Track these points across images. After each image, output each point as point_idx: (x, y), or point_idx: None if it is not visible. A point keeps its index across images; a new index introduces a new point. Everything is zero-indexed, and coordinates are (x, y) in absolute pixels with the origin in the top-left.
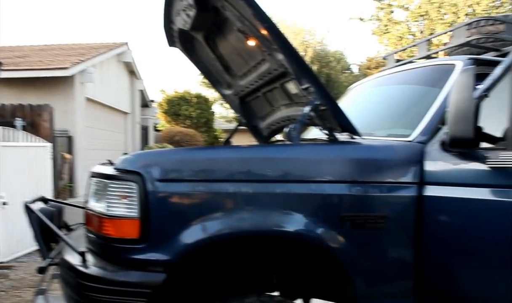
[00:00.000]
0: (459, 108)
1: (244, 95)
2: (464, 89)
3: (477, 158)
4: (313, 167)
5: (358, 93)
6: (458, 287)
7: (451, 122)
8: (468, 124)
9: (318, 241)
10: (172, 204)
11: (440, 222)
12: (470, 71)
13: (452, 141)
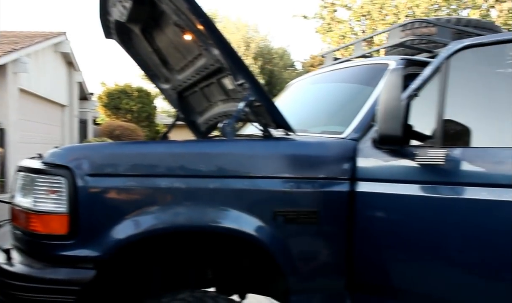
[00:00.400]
0: (388, 106)
1: (181, 89)
2: (393, 88)
3: (407, 155)
4: (246, 162)
5: (296, 90)
6: (389, 281)
7: (380, 120)
8: (396, 122)
9: (251, 236)
10: (103, 199)
11: (371, 217)
12: (399, 71)
13: (381, 139)
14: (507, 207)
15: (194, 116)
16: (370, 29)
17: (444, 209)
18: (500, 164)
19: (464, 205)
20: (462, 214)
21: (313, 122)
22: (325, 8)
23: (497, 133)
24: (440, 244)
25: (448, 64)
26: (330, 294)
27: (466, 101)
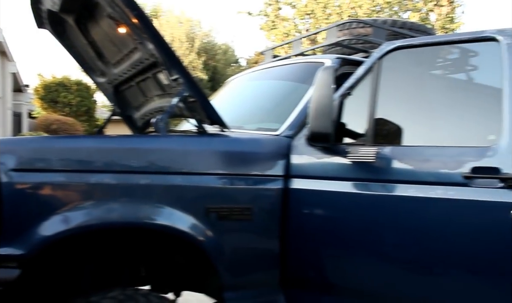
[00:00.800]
0: (319, 104)
1: (118, 83)
2: (324, 86)
3: (339, 153)
4: (179, 158)
5: (235, 86)
6: (322, 276)
7: (311, 117)
8: (326, 120)
9: (184, 233)
10: (29, 195)
11: (304, 214)
12: (330, 69)
13: (312, 136)
14: (433, 204)
15: (131, 111)
16: (314, 28)
17: (374, 206)
18: (427, 162)
19: (393, 202)
20: (391, 211)
21: (249, 119)
22: (269, 6)
23: (425, 132)
24: (370, 240)
25: (380, 64)
26: (264, 290)
27: (396, 101)
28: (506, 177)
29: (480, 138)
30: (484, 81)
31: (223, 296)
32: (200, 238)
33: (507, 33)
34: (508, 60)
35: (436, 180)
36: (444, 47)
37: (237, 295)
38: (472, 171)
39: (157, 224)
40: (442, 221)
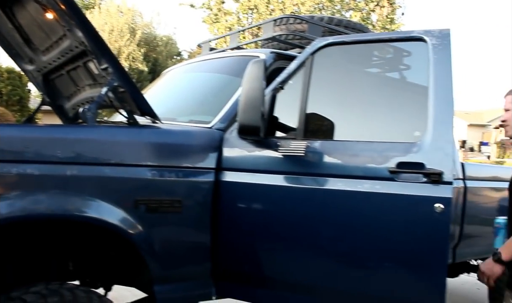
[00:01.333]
0: (248, 97)
1: (47, 72)
2: (253, 79)
3: (270, 146)
4: (107, 149)
5: (170, 78)
6: (253, 269)
7: (241, 110)
8: (255, 113)
9: (112, 225)
10: None
11: (236, 207)
12: (260, 63)
13: (241, 129)
14: (361, 197)
15: (62, 101)
16: (256, 23)
17: (303, 199)
18: (356, 157)
19: (322, 196)
20: (320, 204)
21: (182, 111)
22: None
23: (355, 127)
24: (300, 233)
25: (312, 60)
26: (195, 283)
27: (327, 96)
28: (429, 172)
29: (407, 134)
30: (413, 80)
31: (153, 289)
32: (129, 230)
33: (433, 34)
34: (433, 59)
35: (364, 174)
36: (376, 46)
37: (167, 288)
38: (397, 166)
39: (84, 216)
40: (370, 214)
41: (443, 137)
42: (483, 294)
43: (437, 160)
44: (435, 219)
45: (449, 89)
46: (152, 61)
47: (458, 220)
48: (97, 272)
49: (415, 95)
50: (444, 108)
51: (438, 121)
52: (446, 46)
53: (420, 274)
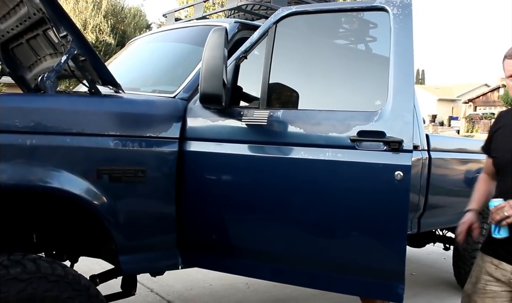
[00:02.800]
0: (209, 65)
1: (6, 41)
2: (214, 47)
3: (233, 115)
4: (67, 118)
5: (134, 48)
6: (219, 238)
7: (202, 78)
8: (217, 81)
9: (75, 195)
10: None
11: (199, 176)
12: (221, 31)
13: (203, 98)
14: (323, 165)
15: (23, 71)
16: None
17: (267, 168)
18: (317, 126)
19: (285, 164)
20: (283, 173)
21: (146, 81)
22: None
23: (317, 96)
24: (264, 201)
25: (274, 29)
26: (161, 253)
27: (290, 66)
28: (389, 140)
29: (368, 103)
30: (377, 51)
31: (119, 259)
32: (93, 200)
33: (395, 4)
34: (394, 29)
35: (326, 143)
36: (338, 15)
37: (132, 258)
38: (358, 134)
39: (46, 186)
40: (332, 182)
41: (403, 106)
42: (448, 263)
43: (397, 128)
44: (395, 187)
45: (409, 59)
46: (120, 34)
47: (423, 190)
48: (62, 244)
49: (377, 66)
50: (404, 77)
51: (398, 90)
52: (407, 16)
53: (381, 240)
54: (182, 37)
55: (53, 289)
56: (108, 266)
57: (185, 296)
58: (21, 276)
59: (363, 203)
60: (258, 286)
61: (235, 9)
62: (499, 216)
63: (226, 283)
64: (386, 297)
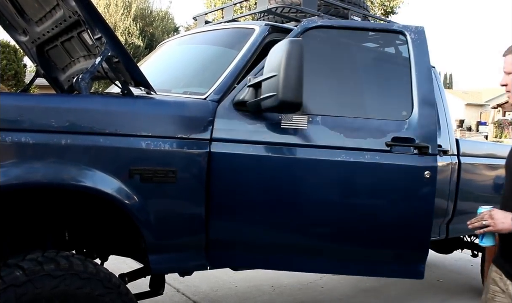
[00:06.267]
0: (290, 75)
1: (41, 43)
2: (295, 57)
3: (270, 119)
4: (101, 119)
5: (165, 50)
6: (243, 238)
7: (286, 87)
8: (299, 90)
9: (107, 194)
10: None
11: (230, 178)
12: (300, 42)
13: (282, 105)
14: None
15: (56, 73)
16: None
17: (308, 168)
18: (356, 131)
19: (326, 165)
20: (323, 173)
21: (177, 83)
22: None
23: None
24: (302, 200)
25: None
26: (190, 253)
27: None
28: (418, 145)
29: (396, 113)
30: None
31: (148, 259)
32: (124, 200)
33: (411, 29)
34: (413, 51)
35: (365, 147)
36: (362, 33)
37: (162, 258)
38: (392, 140)
39: (79, 185)
40: (371, 180)
41: (427, 117)
42: (476, 270)
43: (424, 136)
44: (425, 183)
45: (429, 77)
46: (148, 36)
47: (452, 195)
48: (93, 242)
49: (400, 81)
50: (426, 93)
51: (422, 104)
52: (423, 41)
53: (412, 229)
54: (213, 39)
55: (85, 286)
56: (136, 265)
57: (211, 297)
58: (54, 272)
59: (398, 198)
60: (283, 288)
61: (265, 12)
62: (478, 223)
63: (251, 285)
64: (413, 275)
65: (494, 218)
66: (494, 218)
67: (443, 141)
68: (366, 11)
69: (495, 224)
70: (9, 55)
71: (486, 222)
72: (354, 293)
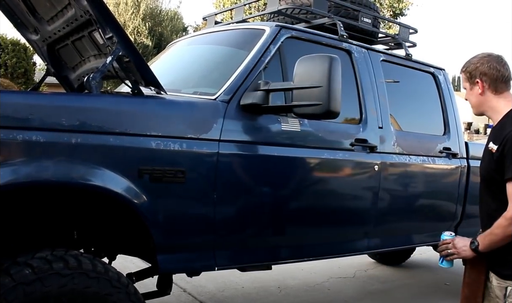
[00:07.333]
0: (337, 88)
1: (52, 42)
2: (339, 73)
3: (273, 121)
4: (111, 118)
5: (175, 50)
6: (250, 237)
7: (332, 98)
8: (339, 101)
9: (116, 193)
10: None
11: (239, 178)
12: (339, 60)
13: (327, 113)
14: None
15: (67, 72)
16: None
17: (301, 167)
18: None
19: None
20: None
21: (187, 83)
22: None
23: None
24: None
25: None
26: (197, 253)
27: None
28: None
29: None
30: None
31: (156, 258)
32: (133, 199)
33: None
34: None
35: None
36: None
37: (170, 258)
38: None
39: (89, 184)
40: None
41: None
42: None
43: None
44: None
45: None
46: (157, 36)
47: (461, 199)
48: (101, 241)
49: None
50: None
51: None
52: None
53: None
54: (223, 39)
55: (93, 285)
56: (143, 265)
57: (217, 297)
58: (63, 271)
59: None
60: (290, 290)
61: (276, 13)
62: (444, 252)
63: (258, 286)
64: None
65: (457, 247)
66: (456, 247)
67: (453, 144)
68: (376, 13)
69: (459, 253)
70: (19, 53)
71: (451, 250)
72: (360, 295)
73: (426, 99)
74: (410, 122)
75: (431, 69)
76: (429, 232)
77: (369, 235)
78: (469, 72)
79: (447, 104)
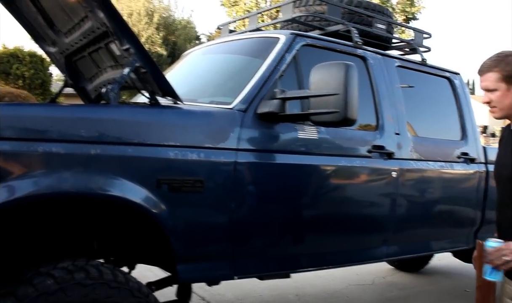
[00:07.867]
0: (354, 96)
1: (69, 54)
2: (355, 82)
3: (289, 129)
4: (130, 129)
5: (190, 60)
6: (269, 246)
7: (349, 106)
8: (356, 108)
9: (135, 204)
10: None
11: (257, 186)
12: (355, 67)
13: (345, 121)
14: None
15: (84, 83)
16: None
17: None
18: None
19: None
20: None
21: (203, 92)
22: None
23: None
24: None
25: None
26: (217, 262)
27: None
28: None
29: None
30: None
31: (176, 268)
32: (152, 209)
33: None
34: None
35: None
36: None
37: (189, 267)
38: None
39: (108, 195)
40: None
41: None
42: None
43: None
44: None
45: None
46: (171, 45)
47: (480, 204)
48: (121, 251)
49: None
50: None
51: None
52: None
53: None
54: (238, 48)
55: (114, 295)
56: (162, 274)
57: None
58: (84, 281)
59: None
60: (308, 297)
61: (290, 21)
62: (500, 261)
63: (276, 294)
64: None
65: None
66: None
67: (470, 149)
68: (389, 19)
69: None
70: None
71: (508, 258)
72: (379, 302)
73: (443, 104)
74: (427, 128)
75: (447, 73)
76: (448, 238)
77: (388, 242)
78: (507, 71)
79: (463, 108)
